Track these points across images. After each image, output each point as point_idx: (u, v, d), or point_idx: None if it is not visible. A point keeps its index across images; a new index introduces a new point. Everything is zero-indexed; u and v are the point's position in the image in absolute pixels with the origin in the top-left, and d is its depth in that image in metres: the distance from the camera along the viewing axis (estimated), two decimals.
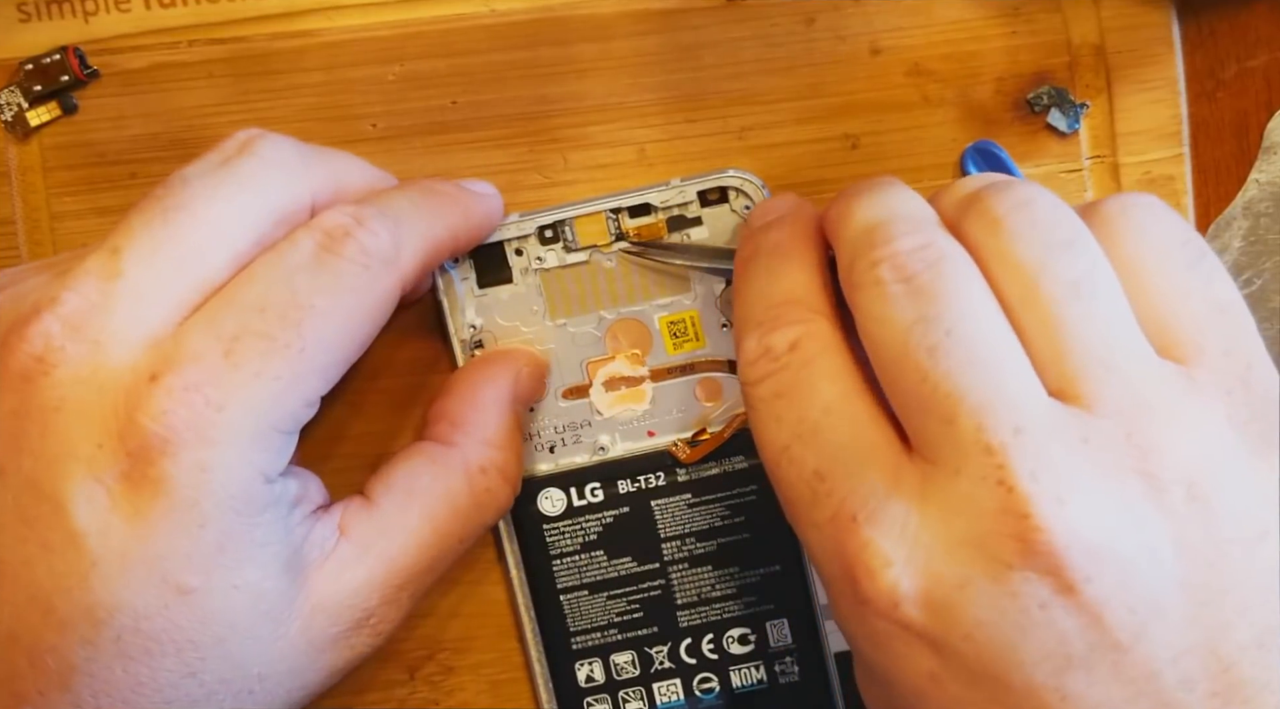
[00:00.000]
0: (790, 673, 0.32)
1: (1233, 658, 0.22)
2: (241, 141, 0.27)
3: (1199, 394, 0.23)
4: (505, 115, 0.32)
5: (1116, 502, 0.22)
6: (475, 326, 0.32)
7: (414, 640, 0.33)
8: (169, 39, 0.32)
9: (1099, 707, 0.22)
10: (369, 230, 0.26)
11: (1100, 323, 0.23)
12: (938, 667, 0.23)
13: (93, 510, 0.24)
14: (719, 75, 0.32)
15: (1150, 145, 0.32)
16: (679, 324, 0.32)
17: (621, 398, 0.32)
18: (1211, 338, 0.24)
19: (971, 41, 0.32)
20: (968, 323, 0.23)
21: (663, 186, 0.31)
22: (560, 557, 0.32)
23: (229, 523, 0.25)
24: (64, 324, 0.25)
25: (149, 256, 0.25)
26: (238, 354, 0.25)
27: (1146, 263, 0.24)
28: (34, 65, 0.32)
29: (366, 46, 0.32)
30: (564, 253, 0.31)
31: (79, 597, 0.24)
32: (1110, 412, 0.23)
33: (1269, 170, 0.33)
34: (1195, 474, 0.22)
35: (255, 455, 0.25)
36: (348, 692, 0.32)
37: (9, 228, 0.32)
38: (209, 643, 0.25)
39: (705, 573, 0.32)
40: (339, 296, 0.26)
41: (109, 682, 0.25)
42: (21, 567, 0.24)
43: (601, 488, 0.32)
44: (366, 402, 0.32)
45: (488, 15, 0.32)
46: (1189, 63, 0.33)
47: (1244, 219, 0.33)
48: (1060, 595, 0.22)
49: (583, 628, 0.32)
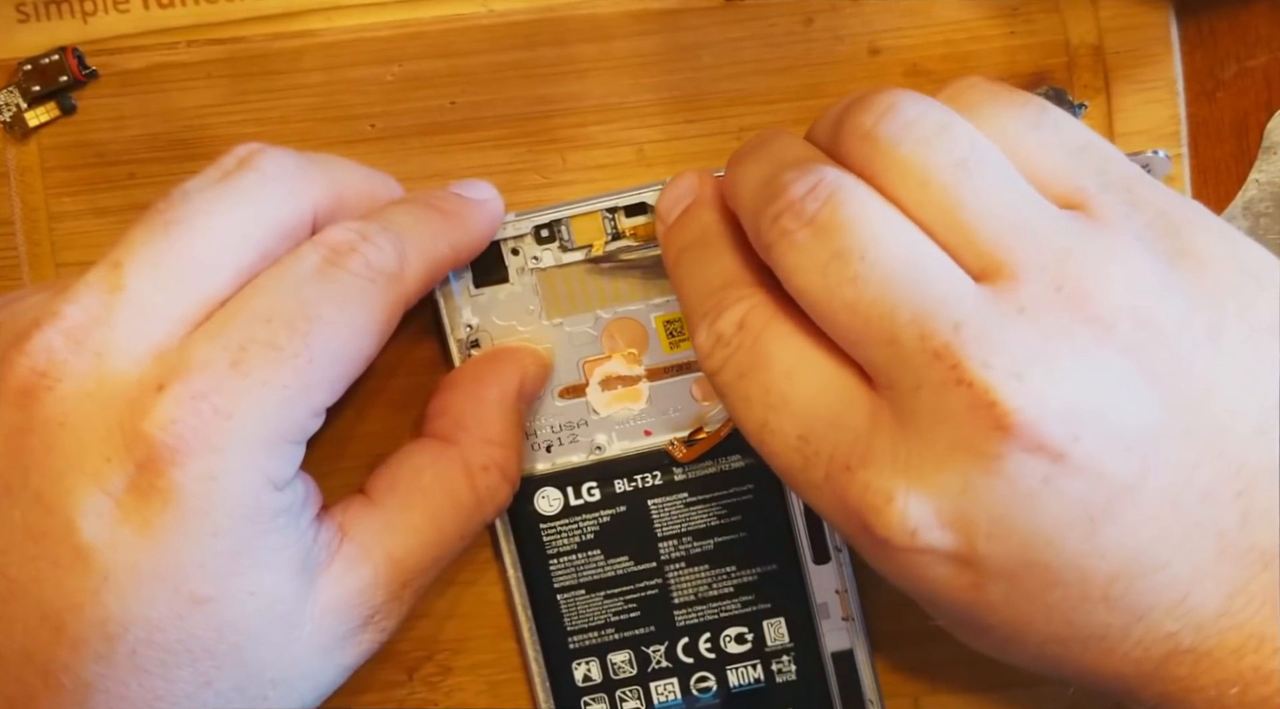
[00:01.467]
0: (787, 672, 0.32)
1: (1240, 455, 0.23)
2: (241, 156, 0.27)
3: (1105, 229, 0.23)
4: (504, 116, 0.32)
5: (1070, 356, 0.22)
6: (472, 326, 0.32)
7: (412, 641, 0.33)
8: (168, 39, 0.32)
9: (1138, 552, 0.22)
10: (374, 245, 0.26)
11: (996, 193, 0.23)
12: (976, 577, 0.23)
13: (102, 524, 0.24)
14: (718, 75, 0.32)
15: (1149, 145, 0.32)
16: (675, 323, 0.32)
17: (618, 397, 0.32)
18: (1087, 178, 0.24)
19: (970, 42, 0.32)
20: (877, 243, 0.23)
21: (659, 186, 0.31)
22: (557, 556, 0.32)
23: (241, 531, 0.25)
24: (66, 337, 0.24)
25: (151, 270, 0.25)
26: (245, 363, 0.24)
27: (1006, 131, 0.25)
28: (32, 66, 0.32)
29: (365, 47, 0.32)
30: (560, 252, 0.31)
31: (91, 612, 0.24)
32: (1034, 273, 0.23)
33: (1269, 170, 0.33)
34: (1133, 301, 0.23)
35: (264, 463, 0.25)
36: (347, 692, 0.32)
37: (7, 228, 0.32)
38: (225, 651, 0.25)
39: (702, 572, 0.32)
40: (345, 308, 0.26)
41: (124, 697, 0.25)
42: (31, 584, 0.24)
43: (598, 487, 0.32)
44: (365, 403, 0.32)
45: (486, 15, 0.32)
46: (1188, 62, 0.33)
47: (1244, 219, 0.33)
48: (1056, 464, 0.22)
49: (580, 627, 0.32)
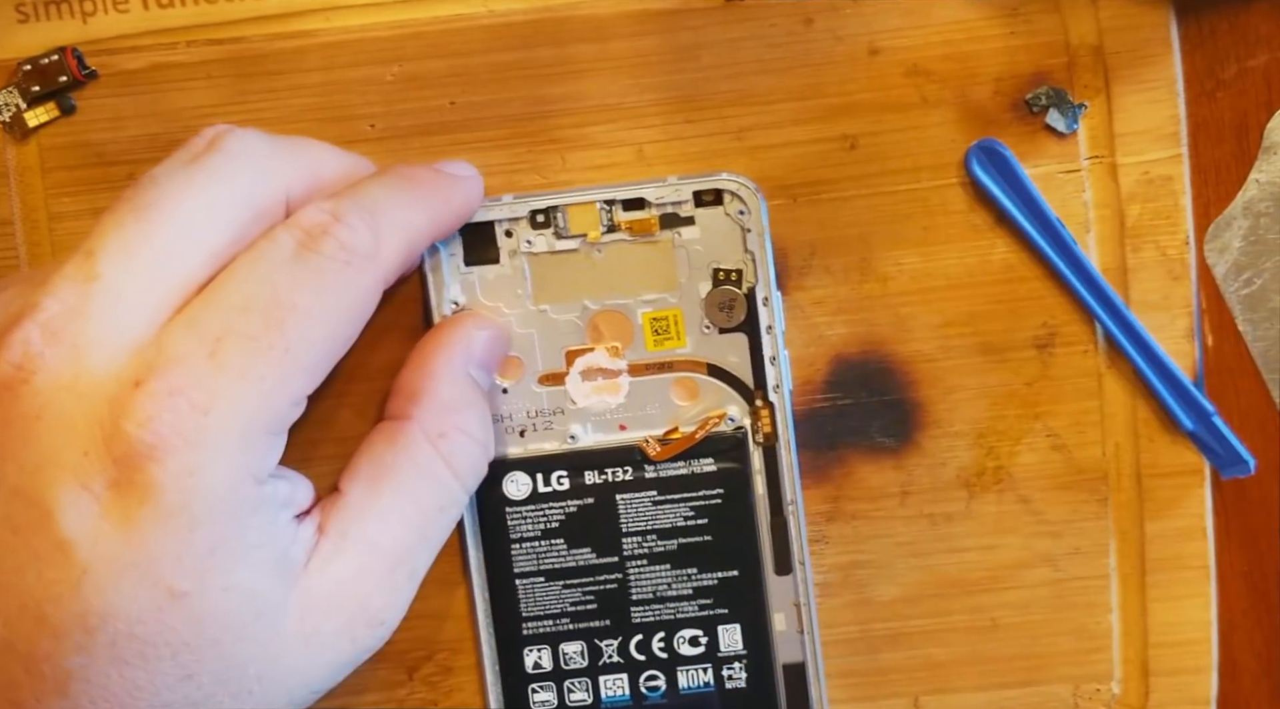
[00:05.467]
0: (738, 679, 0.32)
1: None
2: (210, 138, 0.27)
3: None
4: (504, 116, 0.32)
5: None
6: (457, 304, 0.32)
7: (413, 641, 0.33)
8: (167, 39, 0.32)
9: None
10: (348, 226, 0.26)
11: None
12: None
13: (81, 518, 0.24)
14: (717, 76, 0.32)
15: (1149, 145, 0.32)
16: (662, 321, 0.32)
17: (597, 389, 0.32)
18: None
19: (970, 42, 0.32)
20: None
21: (659, 182, 0.31)
22: (520, 541, 0.32)
23: (220, 526, 0.25)
24: (43, 330, 0.24)
25: (124, 259, 0.25)
26: (222, 356, 0.24)
27: None
28: (32, 66, 0.32)
29: (365, 47, 0.32)
30: (554, 239, 0.31)
31: (71, 604, 0.24)
32: None
33: (1269, 170, 0.32)
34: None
35: (243, 457, 0.25)
36: (347, 692, 0.32)
37: (7, 229, 0.32)
38: (203, 645, 0.25)
39: (663, 571, 0.32)
40: (321, 295, 0.25)
41: (105, 687, 0.25)
42: (12, 575, 0.24)
43: (568, 477, 0.32)
44: (348, 404, 0.32)
45: (486, 16, 0.32)
46: (1188, 63, 0.33)
47: (1244, 219, 0.33)
48: None
49: (535, 614, 0.32)
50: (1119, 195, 0.32)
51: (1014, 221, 0.32)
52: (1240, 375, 0.33)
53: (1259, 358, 0.33)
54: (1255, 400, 0.33)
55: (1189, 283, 0.33)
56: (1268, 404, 0.33)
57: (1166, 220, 0.32)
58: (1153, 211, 0.32)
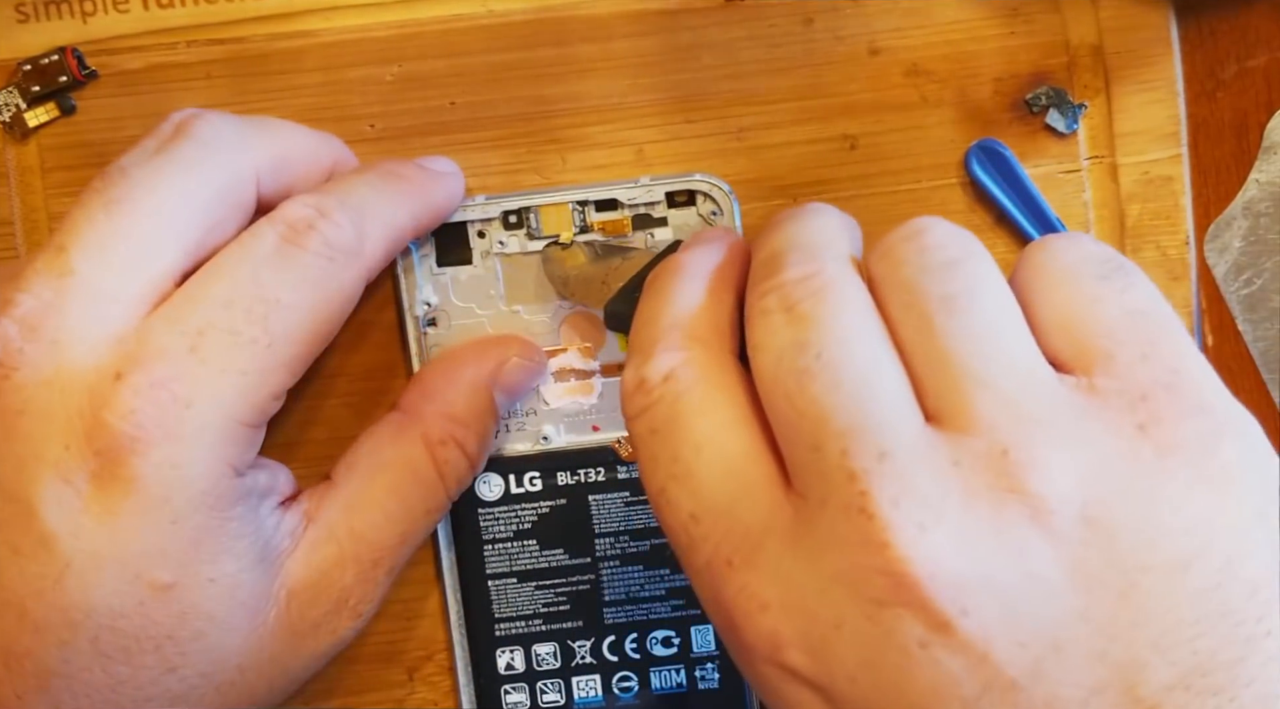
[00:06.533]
0: (710, 679, 0.32)
1: (1153, 701, 0.20)
2: (176, 123, 0.27)
3: (1100, 406, 0.21)
4: (504, 116, 0.32)
5: (989, 526, 0.20)
6: (430, 304, 0.32)
7: (414, 641, 0.33)
8: (167, 40, 0.32)
9: None
10: (332, 222, 0.26)
11: (974, 338, 0.21)
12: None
13: (63, 512, 0.24)
14: (717, 76, 0.32)
15: (1149, 146, 0.32)
16: None
17: (570, 390, 0.32)
18: (1124, 344, 0.22)
19: (970, 42, 0.32)
20: (840, 347, 0.21)
21: (631, 183, 0.31)
22: (493, 542, 0.32)
23: (201, 518, 0.25)
24: (20, 325, 0.24)
25: (97, 252, 0.25)
26: (204, 349, 0.24)
27: (1053, 276, 0.23)
28: (32, 66, 0.32)
29: (365, 47, 0.32)
30: (526, 240, 0.31)
31: (53, 599, 0.24)
32: (984, 430, 0.21)
33: (1269, 170, 0.32)
34: (1089, 494, 0.20)
35: (224, 450, 0.25)
36: (348, 692, 0.32)
37: (7, 229, 0.32)
38: (187, 637, 0.25)
39: (636, 572, 0.32)
40: (304, 290, 0.25)
41: (88, 683, 0.25)
42: None
43: (541, 478, 0.32)
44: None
45: (486, 16, 0.32)
46: (1188, 63, 0.33)
47: (1244, 219, 0.33)
48: (936, 633, 0.20)
49: (507, 615, 0.32)
50: (1119, 195, 0.32)
51: (1014, 221, 0.32)
52: (1240, 375, 0.33)
53: (1259, 358, 0.33)
54: (1255, 400, 0.33)
55: (1189, 283, 0.33)
56: (1268, 404, 0.33)
57: (1166, 220, 0.32)
58: (1153, 212, 0.32)
